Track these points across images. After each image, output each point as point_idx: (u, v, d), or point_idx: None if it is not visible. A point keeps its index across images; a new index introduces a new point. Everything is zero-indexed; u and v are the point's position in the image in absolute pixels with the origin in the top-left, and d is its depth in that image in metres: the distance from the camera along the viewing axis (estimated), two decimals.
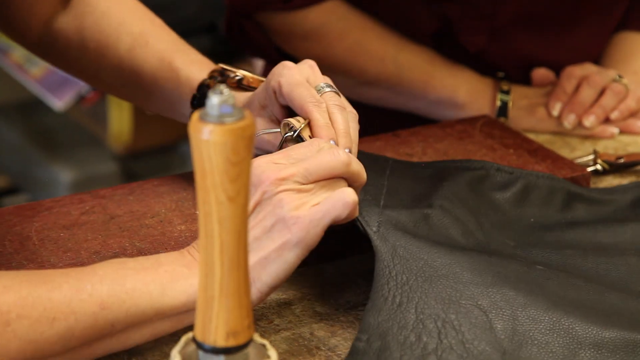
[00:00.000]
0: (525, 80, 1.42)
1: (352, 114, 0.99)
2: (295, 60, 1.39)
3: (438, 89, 1.38)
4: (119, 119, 2.66)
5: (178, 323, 0.84)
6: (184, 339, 0.77)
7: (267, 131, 1.00)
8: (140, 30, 1.11)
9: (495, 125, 1.27)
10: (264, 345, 0.77)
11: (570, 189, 1.10)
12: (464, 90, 1.38)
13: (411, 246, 0.90)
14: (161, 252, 0.90)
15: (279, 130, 0.98)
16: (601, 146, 1.31)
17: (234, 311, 0.73)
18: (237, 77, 1.09)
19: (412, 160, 1.15)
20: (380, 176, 1.04)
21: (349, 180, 0.89)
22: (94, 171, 2.68)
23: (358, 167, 0.90)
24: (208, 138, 0.70)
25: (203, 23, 2.72)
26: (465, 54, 1.39)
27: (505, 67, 1.40)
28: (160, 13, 1.16)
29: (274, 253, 0.84)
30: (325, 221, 0.85)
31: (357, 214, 0.87)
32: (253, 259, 0.84)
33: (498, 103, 1.37)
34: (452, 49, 1.38)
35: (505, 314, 0.86)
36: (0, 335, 0.77)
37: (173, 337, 0.88)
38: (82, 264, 0.95)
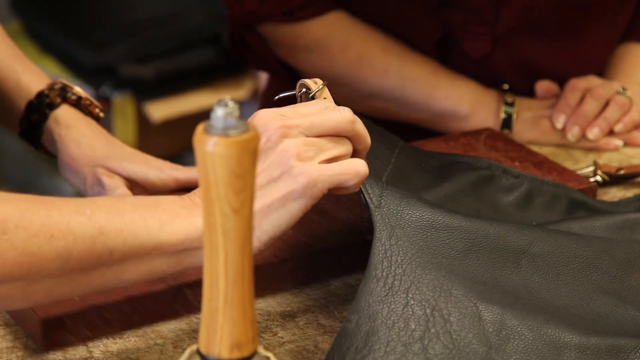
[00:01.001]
0: (529, 89, 1.42)
1: None
2: (297, 72, 1.40)
3: (441, 101, 1.38)
4: (124, 130, 2.65)
5: (175, 263, 0.83)
6: (188, 351, 0.77)
7: (283, 94, 0.99)
8: None
9: (499, 137, 1.27)
10: (268, 358, 0.77)
11: (575, 196, 1.10)
12: (467, 102, 1.38)
13: (409, 230, 0.90)
14: None
15: (294, 92, 0.97)
16: (605, 158, 1.30)
17: (239, 323, 0.73)
18: (75, 97, 1.11)
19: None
20: (390, 152, 1.03)
21: (353, 140, 0.89)
22: None
23: (363, 128, 0.89)
24: (212, 150, 0.70)
25: (208, 35, 2.72)
26: (470, 63, 1.39)
27: (509, 76, 1.40)
28: (165, 24, 1.16)
29: (277, 202, 0.84)
30: (333, 180, 0.85)
31: (359, 187, 0.87)
32: (256, 206, 0.82)
33: (502, 115, 1.37)
34: (456, 57, 1.38)
35: (494, 308, 0.86)
36: None
37: (177, 350, 0.88)
38: None
